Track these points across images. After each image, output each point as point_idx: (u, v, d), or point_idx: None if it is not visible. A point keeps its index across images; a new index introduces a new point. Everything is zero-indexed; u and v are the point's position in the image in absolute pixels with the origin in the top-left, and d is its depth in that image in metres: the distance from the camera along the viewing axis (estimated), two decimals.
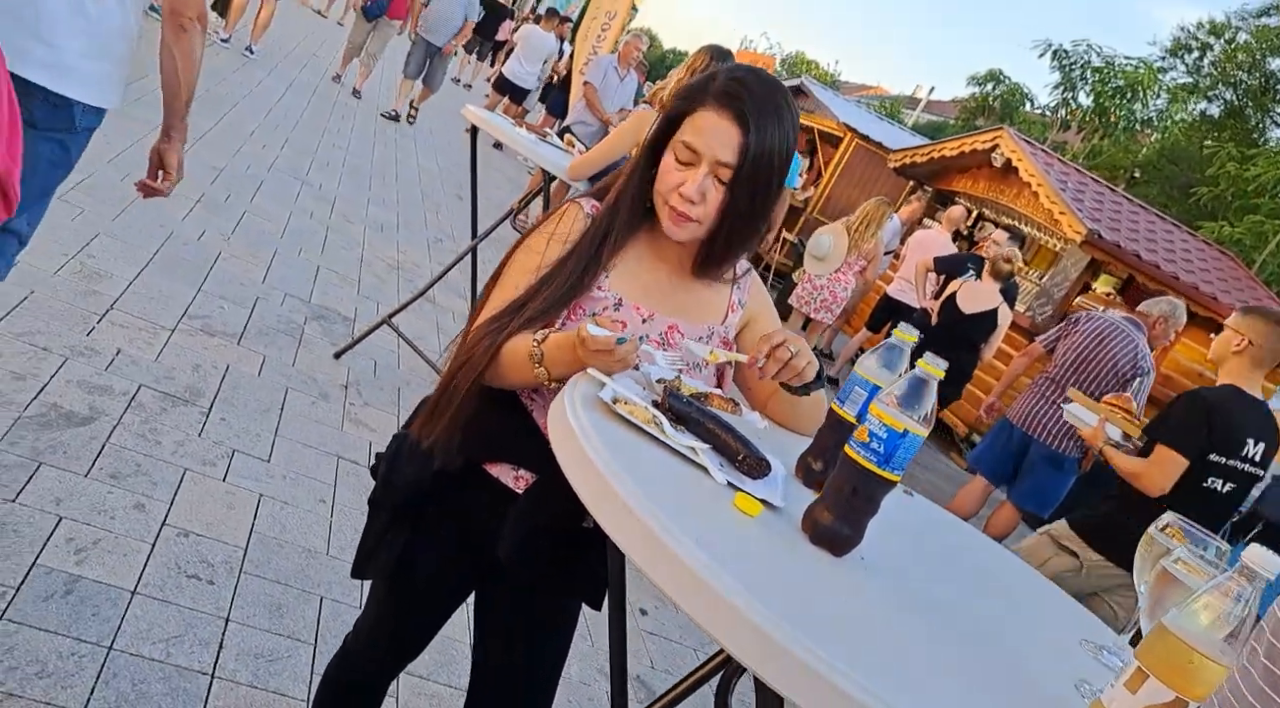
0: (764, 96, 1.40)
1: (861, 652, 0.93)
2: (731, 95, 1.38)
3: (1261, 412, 3.23)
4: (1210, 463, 3.16)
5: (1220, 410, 3.18)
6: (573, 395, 1.21)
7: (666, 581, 0.95)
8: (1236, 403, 3.20)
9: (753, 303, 1.67)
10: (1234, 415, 3.19)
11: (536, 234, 1.53)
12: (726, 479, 1.16)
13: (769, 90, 1.41)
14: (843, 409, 1.30)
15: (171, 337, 3.40)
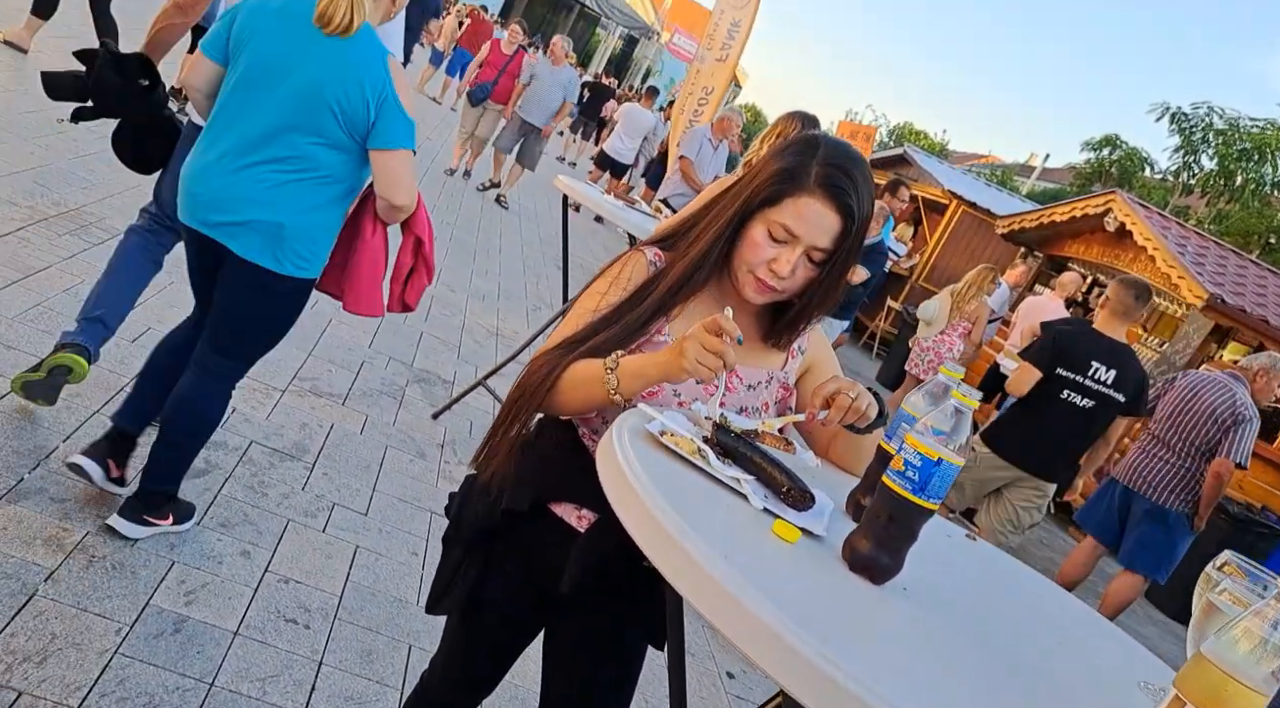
0: (863, 182, 1.45)
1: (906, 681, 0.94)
2: (837, 188, 1.43)
3: (1112, 346, 4.29)
4: (1060, 376, 4.27)
5: (1065, 336, 4.33)
6: (620, 428, 1.26)
7: (704, 604, 0.98)
8: (1082, 332, 4.35)
9: (813, 350, 1.71)
10: (1079, 341, 4.29)
11: (601, 278, 1.61)
12: (764, 505, 1.19)
13: (865, 174, 1.46)
14: (889, 444, 1.32)
15: (282, 397, 3.61)
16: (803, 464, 1.42)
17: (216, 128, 2.34)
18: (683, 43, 32.99)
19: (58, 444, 2.71)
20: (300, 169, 2.32)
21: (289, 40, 2.27)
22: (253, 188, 2.30)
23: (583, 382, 1.42)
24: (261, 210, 2.30)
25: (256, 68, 2.28)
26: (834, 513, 1.30)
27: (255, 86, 2.28)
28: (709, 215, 1.56)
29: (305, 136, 2.29)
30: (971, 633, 1.16)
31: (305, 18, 2.25)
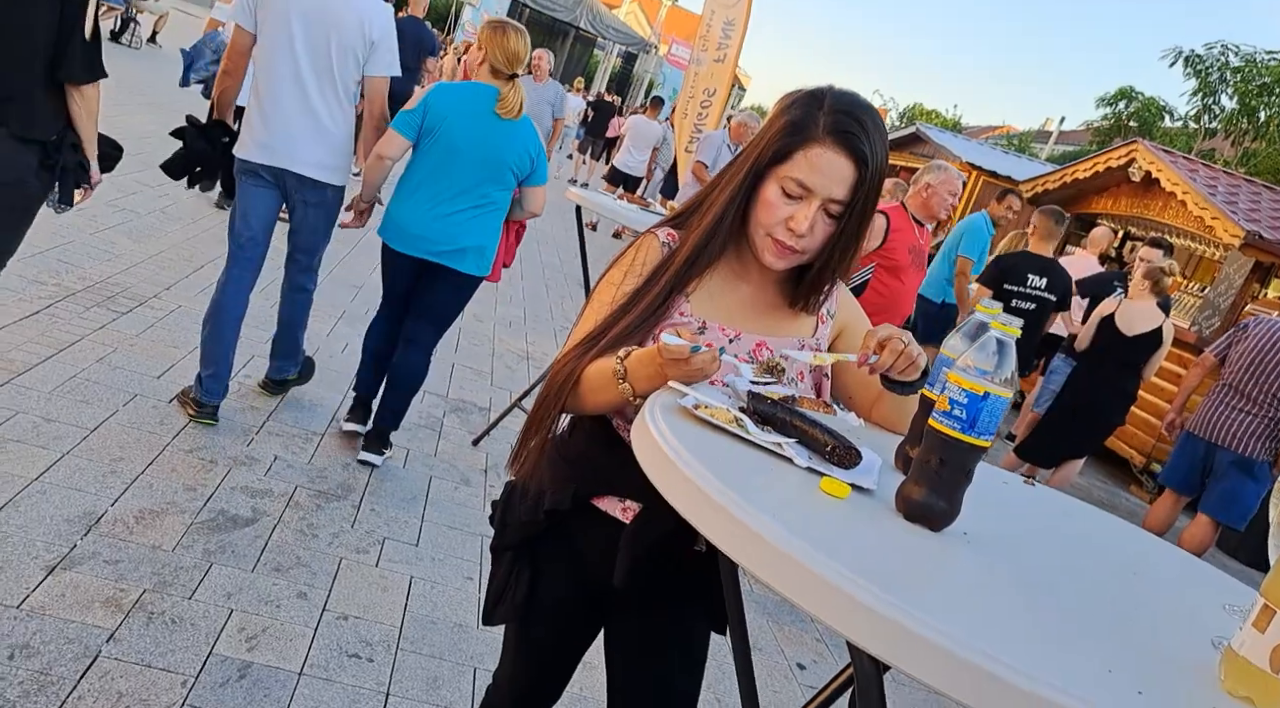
0: (873, 128, 1.40)
1: (981, 624, 0.89)
2: (848, 133, 1.37)
3: (1042, 262, 5.72)
4: (1006, 290, 5.55)
5: (1006, 259, 5.79)
6: (653, 406, 1.23)
7: (761, 568, 0.94)
8: (1020, 256, 5.79)
9: (843, 312, 1.66)
10: (1018, 262, 5.71)
11: (614, 268, 1.57)
12: (808, 464, 1.15)
13: (875, 121, 1.41)
14: (932, 392, 1.27)
15: (322, 440, 3.62)
16: (845, 425, 1.38)
17: (413, 183, 3.34)
18: (681, 53, 33.03)
19: (105, 509, 2.73)
20: (487, 207, 3.39)
21: (476, 125, 3.28)
22: (462, 226, 3.34)
23: (600, 386, 1.39)
24: (470, 239, 3.37)
25: (451, 144, 3.27)
26: (883, 468, 1.25)
27: (453, 156, 3.28)
28: (719, 185, 1.52)
29: (492, 187, 3.37)
30: (1042, 572, 1.11)
31: (485, 108, 3.29)
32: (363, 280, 6.01)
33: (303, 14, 3.23)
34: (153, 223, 5.62)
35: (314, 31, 3.25)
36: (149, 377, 3.62)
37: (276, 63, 3.26)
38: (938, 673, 0.80)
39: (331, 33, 3.27)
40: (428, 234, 3.32)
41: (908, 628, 0.82)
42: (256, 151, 3.32)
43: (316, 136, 3.35)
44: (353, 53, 3.33)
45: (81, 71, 2.65)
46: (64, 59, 2.61)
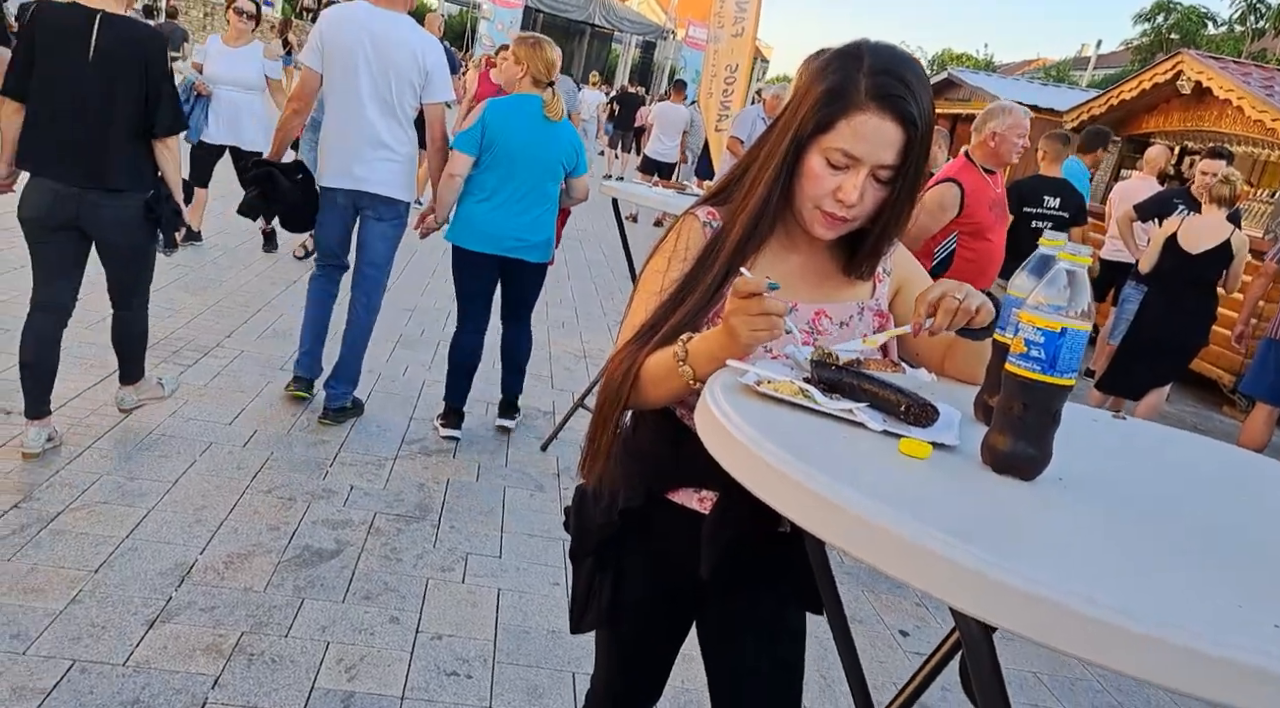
0: (918, 84, 1.31)
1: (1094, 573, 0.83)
2: (892, 97, 1.29)
3: (1054, 182, 5.50)
4: (1026, 213, 5.33)
5: (1023, 184, 5.53)
6: (713, 388, 1.18)
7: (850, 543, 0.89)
8: (1034, 179, 5.56)
9: (899, 268, 1.59)
10: (1034, 184, 5.52)
11: (658, 254, 1.52)
12: (883, 427, 1.10)
13: (918, 74, 1.33)
14: (1004, 335, 1.21)
15: (394, 464, 3.64)
16: (917, 382, 1.32)
17: (485, 190, 3.71)
18: (699, 34, 32.76)
19: (195, 558, 2.77)
20: (547, 202, 3.81)
21: (529, 131, 3.69)
22: (533, 223, 3.77)
23: (662, 376, 1.34)
24: (540, 234, 3.81)
25: (512, 151, 3.68)
26: (963, 421, 1.19)
27: (515, 161, 3.69)
28: (759, 159, 1.45)
29: (549, 183, 3.80)
30: (1149, 507, 1.04)
31: (535, 114, 3.69)
32: (414, 304, 6.06)
33: (365, 52, 3.64)
34: (207, 274, 5.73)
35: (375, 67, 3.66)
36: (221, 424, 3.68)
37: (344, 97, 3.69)
38: (1056, 632, 0.75)
39: (390, 67, 3.67)
40: (506, 232, 3.74)
41: (1017, 588, 0.77)
42: (332, 178, 3.77)
43: (383, 159, 3.76)
44: (410, 84, 3.73)
45: (169, 127, 3.12)
46: (155, 117, 3.06)
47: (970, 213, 3.96)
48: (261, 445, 3.56)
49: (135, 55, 3.03)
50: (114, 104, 3.01)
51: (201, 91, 6.02)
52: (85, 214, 3.05)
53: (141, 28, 3.12)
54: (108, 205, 3.06)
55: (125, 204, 3.08)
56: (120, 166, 3.05)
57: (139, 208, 3.11)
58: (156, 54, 3.09)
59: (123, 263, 3.23)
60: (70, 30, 2.96)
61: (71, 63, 2.97)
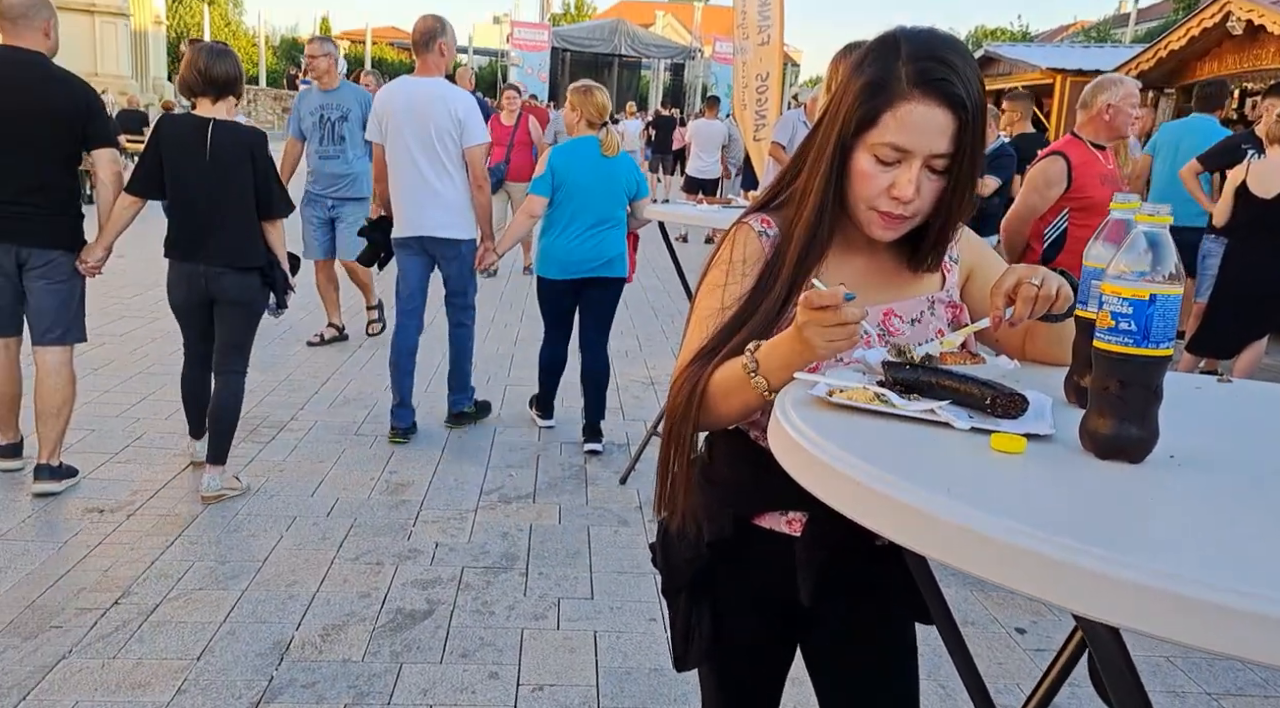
0: (963, 64, 1.25)
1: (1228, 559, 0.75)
2: (938, 81, 1.22)
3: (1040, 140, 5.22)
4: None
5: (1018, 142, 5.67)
6: (783, 404, 1.13)
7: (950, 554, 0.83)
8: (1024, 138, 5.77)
9: (966, 253, 1.52)
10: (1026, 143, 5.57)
11: (714, 269, 1.46)
12: (970, 424, 1.03)
13: (962, 53, 1.26)
14: (1087, 310, 1.13)
15: (476, 516, 3.63)
16: (999, 371, 1.24)
17: (560, 223, 4.23)
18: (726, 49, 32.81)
19: (291, 634, 2.78)
20: (616, 224, 4.29)
21: (591, 168, 4.22)
22: (605, 243, 4.25)
23: (732, 389, 1.27)
24: (613, 250, 4.29)
25: (579, 188, 4.20)
26: (1055, 407, 1.11)
27: (585, 195, 4.21)
28: (806, 163, 1.38)
29: (615, 208, 4.29)
30: (1275, 478, 0.95)
31: (594, 153, 4.23)
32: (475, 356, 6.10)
33: (407, 116, 4.25)
34: (273, 352, 5.84)
35: (417, 126, 4.25)
36: (304, 497, 3.72)
37: (398, 157, 4.31)
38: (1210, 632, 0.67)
39: (429, 123, 4.25)
40: (585, 257, 4.24)
41: (1152, 587, 0.69)
42: (402, 228, 4.38)
43: (438, 205, 4.31)
44: (449, 133, 4.29)
45: (280, 210, 3.69)
46: (269, 203, 3.63)
47: (1079, 187, 3.77)
48: (344, 513, 3.59)
49: (243, 153, 3.58)
50: (229, 194, 3.57)
51: None
52: (213, 287, 3.63)
53: (245, 130, 3.68)
54: (231, 277, 3.62)
55: (245, 275, 3.64)
56: (239, 245, 3.61)
57: (256, 276, 3.67)
58: (260, 150, 3.63)
59: (238, 325, 3.72)
60: (189, 137, 3.54)
61: (193, 164, 3.54)
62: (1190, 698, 2.67)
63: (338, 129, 5.83)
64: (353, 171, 5.94)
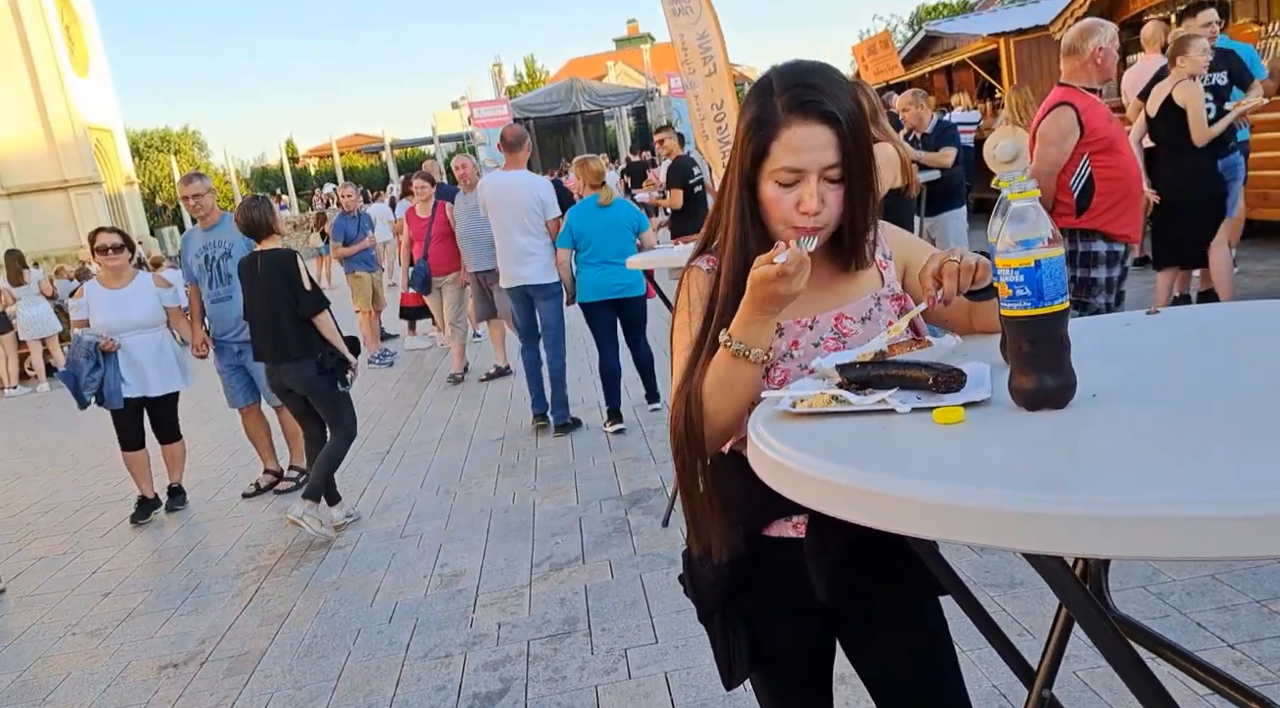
0: (826, 84, 1.39)
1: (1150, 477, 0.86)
2: (806, 103, 1.37)
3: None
4: None
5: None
6: (754, 423, 1.24)
7: (920, 527, 0.93)
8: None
9: (898, 248, 1.64)
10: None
11: (678, 313, 1.59)
12: (910, 407, 1.13)
13: (827, 76, 1.40)
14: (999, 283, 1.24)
15: (531, 589, 3.73)
16: (944, 350, 1.35)
17: (587, 260, 5.64)
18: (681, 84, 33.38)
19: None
20: (629, 254, 5.33)
21: (599, 218, 5.64)
22: (622, 272, 5.45)
23: (723, 379, 1.38)
24: (633, 275, 5.51)
25: (594, 233, 5.61)
26: (996, 371, 1.22)
27: (599, 238, 5.59)
28: (723, 204, 1.54)
29: (626, 243, 5.62)
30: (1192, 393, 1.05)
31: (596, 210, 5.66)
32: (501, 432, 6.22)
33: (504, 199, 5.94)
34: None
35: (514, 206, 5.92)
36: (364, 608, 3.83)
37: (500, 229, 5.98)
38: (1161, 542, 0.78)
39: (519, 203, 5.91)
40: (610, 283, 5.58)
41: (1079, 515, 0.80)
42: (507, 281, 6.05)
43: (530, 260, 5.91)
44: (532, 210, 5.92)
45: (311, 309, 4.57)
46: (300, 306, 4.54)
47: (1093, 130, 3.86)
48: (405, 615, 3.69)
49: (280, 271, 4.57)
50: (274, 304, 4.55)
51: (108, 349, 5.20)
52: (284, 379, 4.65)
53: (279, 252, 4.65)
54: (292, 369, 4.59)
55: (303, 366, 4.56)
56: (292, 344, 4.55)
57: (313, 366, 4.56)
58: (291, 265, 4.60)
59: (318, 403, 4.67)
60: (249, 267, 4.68)
61: (249, 286, 4.67)
62: (1242, 609, 2.71)
63: (224, 268, 5.40)
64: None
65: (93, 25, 32.36)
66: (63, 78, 28.64)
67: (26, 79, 27.97)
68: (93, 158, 29.30)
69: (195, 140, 49.42)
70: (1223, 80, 5.63)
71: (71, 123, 28.57)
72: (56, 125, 28.38)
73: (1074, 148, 3.89)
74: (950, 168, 6.56)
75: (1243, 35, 8.34)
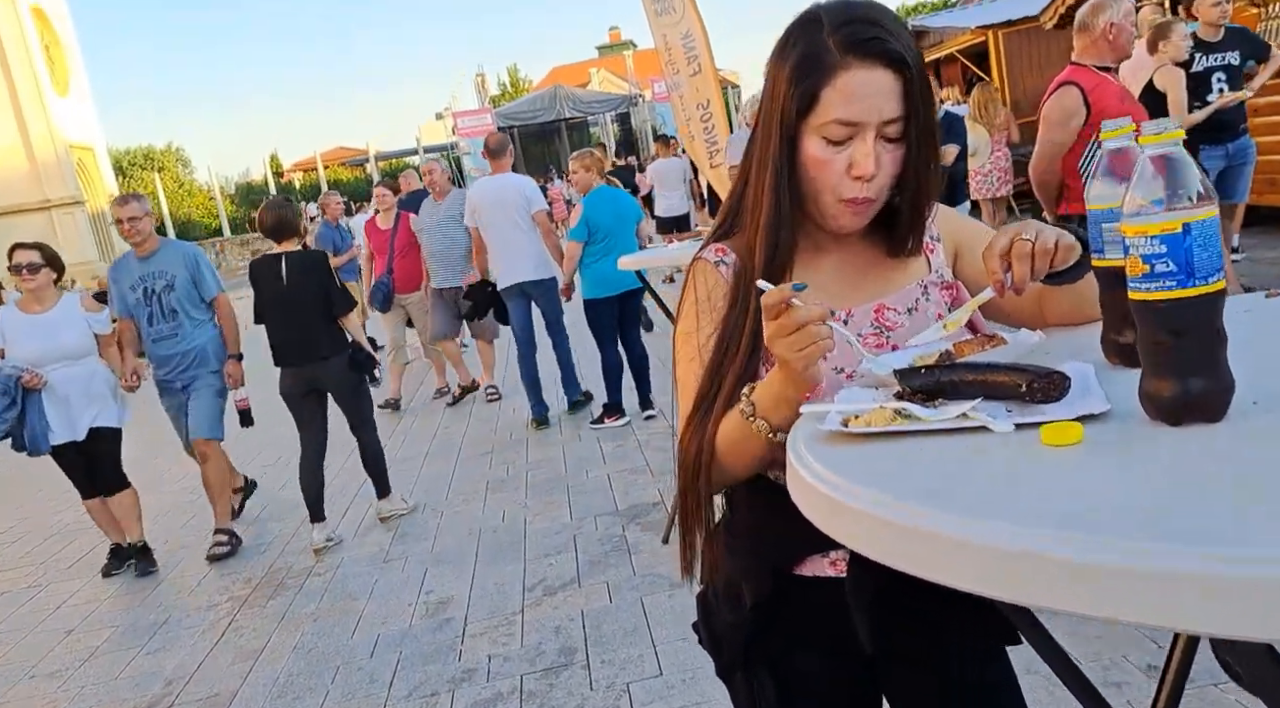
0: (891, 21, 1.15)
1: None
2: (869, 41, 1.12)
3: None
4: None
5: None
6: (795, 445, 0.98)
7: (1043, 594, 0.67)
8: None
9: (946, 227, 1.39)
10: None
11: (683, 316, 1.35)
12: (1011, 423, 0.87)
13: (886, 13, 1.16)
14: (1105, 259, 0.98)
15: (523, 616, 3.45)
16: (1024, 348, 1.10)
17: (596, 254, 5.55)
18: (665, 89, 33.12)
19: None
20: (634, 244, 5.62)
21: (613, 209, 5.66)
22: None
23: (739, 440, 1.16)
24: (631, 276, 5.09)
25: (607, 225, 5.57)
26: (1101, 372, 0.96)
27: (614, 232, 5.57)
28: (751, 171, 1.27)
29: (632, 236, 5.69)
30: None
31: (611, 196, 5.72)
32: (490, 446, 5.95)
33: (492, 201, 5.94)
34: (287, 497, 5.69)
35: (504, 205, 5.91)
36: (344, 640, 3.55)
37: (492, 230, 5.95)
38: None
39: (508, 202, 5.91)
40: (622, 278, 5.29)
41: None
42: (503, 280, 6.00)
43: (524, 257, 5.92)
44: (519, 207, 5.93)
45: (346, 308, 4.67)
46: (333, 306, 4.58)
47: (1101, 111, 3.60)
48: (388, 648, 3.41)
49: (312, 271, 4.57)
50: (305, 305, 4.51)
51: (32, 385, 4.40)
52: (314, 379, 4.56)
53: (310, 254, 4.75)
54: (322, 368, 4.54)
55: (334, 363, 4.56)
56: (322, 342, 4.54)
57: (344, 362, 4.59)
58: (324, 265, 4.63)
59: (347, 400, 4.68)
60: (269, 269, 4.57)
61: (273, 289, 4.55)
62: None
63: (167, 302, 4.63)
64: (195, 345, 4.69)
65: (73, 44, 32.04)
66: (43, 97, 28.35)
67: (6, 99, 27.68)
68: (75, 177, 28.97)
69: (179, 157, 48.98)
70: (1235, 59, 5.41)
71: (53, 142, 28.27)
72: (38, 145, 28.08)
73: (1081, 129, 3.67)
74: (952, 165, 6.35)
75: (1241, 18, 8.14)
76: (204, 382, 4.72)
